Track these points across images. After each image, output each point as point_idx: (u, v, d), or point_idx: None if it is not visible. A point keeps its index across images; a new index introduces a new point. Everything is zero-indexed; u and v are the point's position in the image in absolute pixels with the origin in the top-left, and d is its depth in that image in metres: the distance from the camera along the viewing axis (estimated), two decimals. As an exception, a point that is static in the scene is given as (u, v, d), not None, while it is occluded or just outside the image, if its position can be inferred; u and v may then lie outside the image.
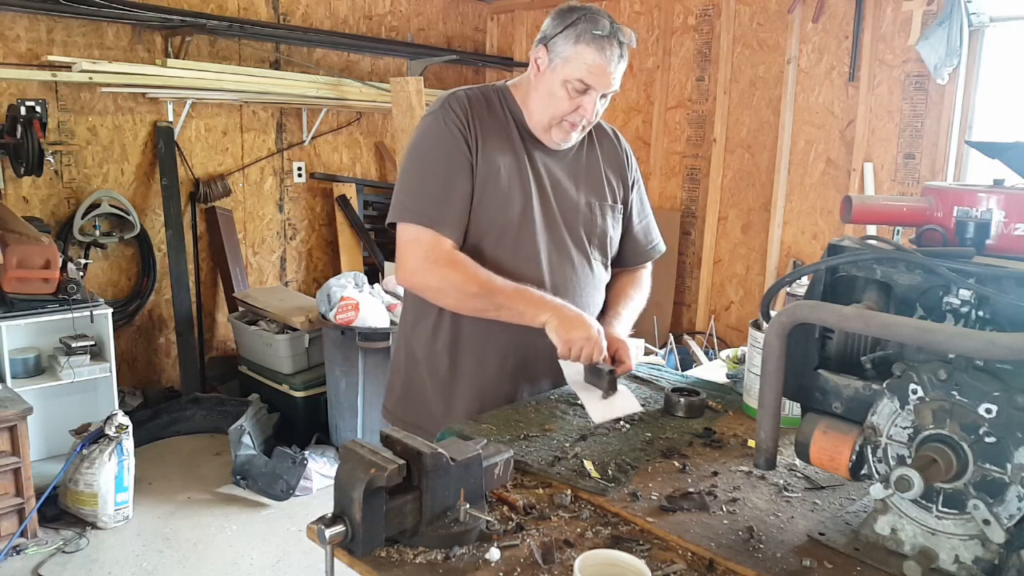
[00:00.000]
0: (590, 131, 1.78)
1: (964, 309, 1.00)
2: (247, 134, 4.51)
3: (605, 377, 1.54)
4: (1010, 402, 0.91)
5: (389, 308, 3.64)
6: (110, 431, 3.07)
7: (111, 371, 3.43)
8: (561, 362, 1.62)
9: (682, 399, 1.56)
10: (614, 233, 1.83)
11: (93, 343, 3.38)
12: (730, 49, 4.29)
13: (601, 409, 1.52)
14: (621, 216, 1.86)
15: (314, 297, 3.99)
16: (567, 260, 1.72)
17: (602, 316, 1.81)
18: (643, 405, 1.58)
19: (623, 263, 1.91)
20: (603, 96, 1.64)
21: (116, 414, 3.13)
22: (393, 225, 1.67)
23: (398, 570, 0.99)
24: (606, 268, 1.83)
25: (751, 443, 1.40)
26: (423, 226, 1.59)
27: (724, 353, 1.88)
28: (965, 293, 0.99)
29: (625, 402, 1.55)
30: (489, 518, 1.07)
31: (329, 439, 3.80)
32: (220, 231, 4.37)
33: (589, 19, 1.58)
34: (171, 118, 4.13)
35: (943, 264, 1.00)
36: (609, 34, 1.57)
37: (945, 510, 0.98)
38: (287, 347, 3.83)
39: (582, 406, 1.54)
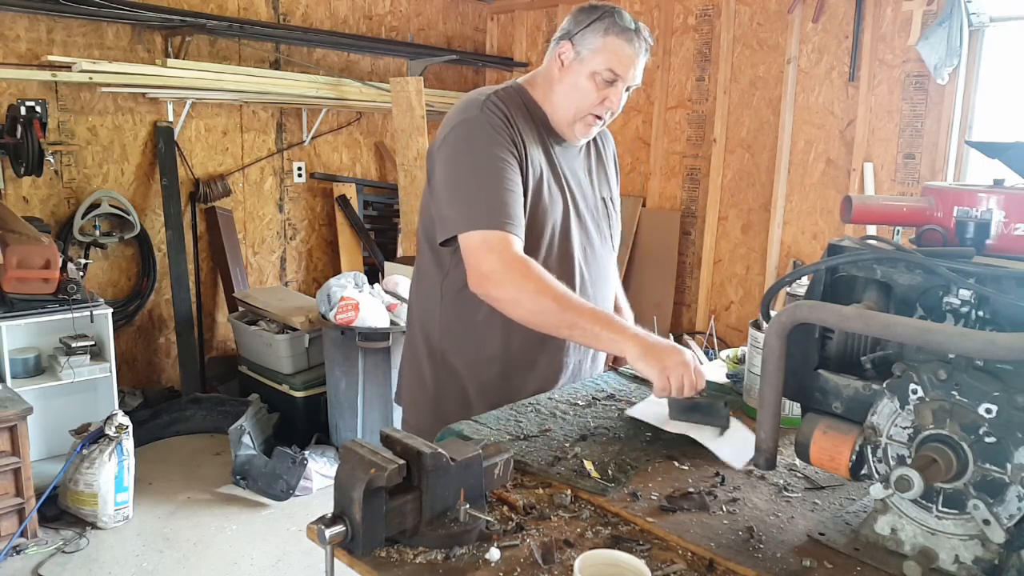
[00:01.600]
0: None
1: (964, 309, 1.00)
2: (247, 134, 4.51)
3: (721, 411, 1.39)
4: (1010, 402, 0.91)
5: (389, 308, 3.64)
6: (110, 431, 3.07)
7: (111, 371, 3.42)
8: (633, 411, 1.48)
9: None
10: (619, 223, 1.87)
11: (93, 343, 3.37)
12: (730, 49, 4.29)
13: (735, 452, 1.32)
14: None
15: (314, 297, 3.99)
16: (596, 255, 1.76)
17: None
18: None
19: None
20: (627, 89, 1.67)
21: (116, 414, 3.13)
22: (447, 241, 1.60)
23: (398, 570, 0.99)
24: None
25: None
26: (490, 229, 1.51)
27: (724, 353, 1.88)
28: (965, 293, 0.99)
29: (744, 434, 1.38)
30: (489, 518, 1.06)
31: (329, 439, 3.80)
32: (220, 231, 4.37)
33: (616, 13, 1.62)
34: (171, 118, 4.13)
35: (943, 264, 1.00)
36: (635, 28, 1.63)
37: (945, 510, 0.98)
38: (287, 347, 3.83)
39: (693, 441, 1.36)
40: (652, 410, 1.47)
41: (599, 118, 1.67)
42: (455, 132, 1.61)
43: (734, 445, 1.35)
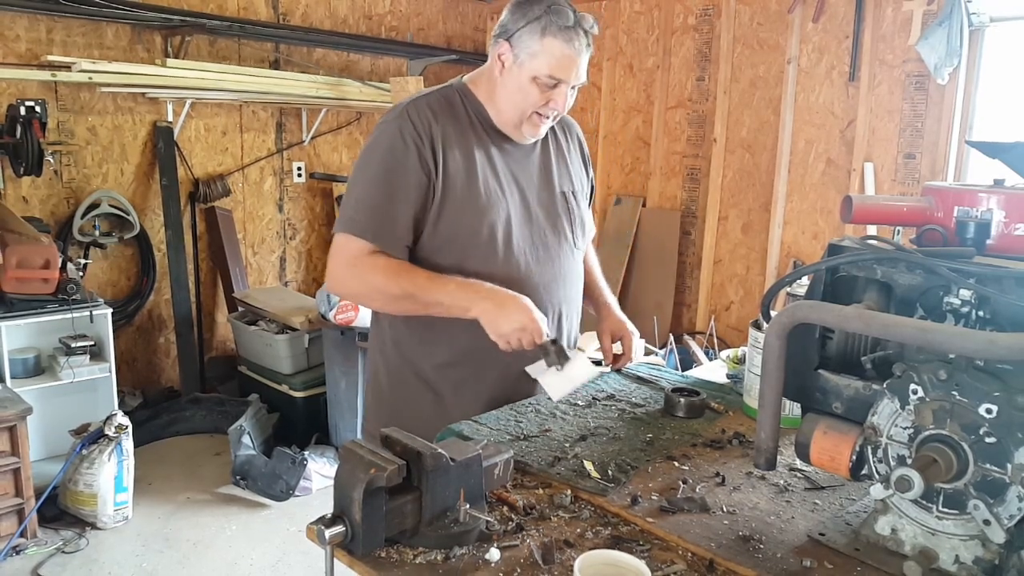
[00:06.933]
0: None
1: (964, 309, 1.00)
2: (247, 134, 4.51)
3: (550, 349, 1.50)
4: (1010, 402, 0.91)
5: (389, 308, 3.63)
6: (110, 431, 3.07)
7: (111, 371, 3.42)
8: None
9: (682, 399, 1.56)
10: (587, 216, 1.81)
11: (93, 343, 3.37)
12: (730, 49, 4.29)
13: (558, 383, 1.50)
14: (588, 199, 1.85)
15: (314, 297, 3.99)
16: (551, 255, 1.68)
17: (589, 303, 1.88)
18: (601, 366, 1.66)
19: None
20: (572, 87, 1.60)
21: (116, 414, 3.12)
22: None
23: (398, 570, 0.99)
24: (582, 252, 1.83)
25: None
26: (350, 235, 1.56)
27: (724, 353, 1.88)
28: (965, 293, 0.99)
29: (580, 369, 1.53)
30: (489, 518, 1.06)
31: (329, 439, 3.80)
32: (220, 231, 4.36)
33: (553, 11, 1.52)
34: (171, 118, 4.12)
35: (943, 264, 1.00)
36: (575, 24, 1.53)
37: (945, 510, 0.98)
38: (287, 347, 3.83)
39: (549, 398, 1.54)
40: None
41: (546, 117, 1.61)
42: (372, 132, 1.63)
43: (564, 378, 1.50)
